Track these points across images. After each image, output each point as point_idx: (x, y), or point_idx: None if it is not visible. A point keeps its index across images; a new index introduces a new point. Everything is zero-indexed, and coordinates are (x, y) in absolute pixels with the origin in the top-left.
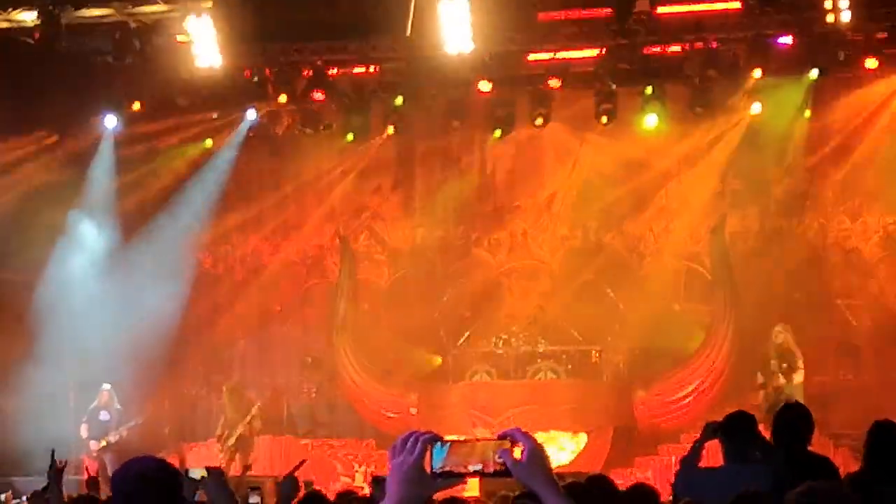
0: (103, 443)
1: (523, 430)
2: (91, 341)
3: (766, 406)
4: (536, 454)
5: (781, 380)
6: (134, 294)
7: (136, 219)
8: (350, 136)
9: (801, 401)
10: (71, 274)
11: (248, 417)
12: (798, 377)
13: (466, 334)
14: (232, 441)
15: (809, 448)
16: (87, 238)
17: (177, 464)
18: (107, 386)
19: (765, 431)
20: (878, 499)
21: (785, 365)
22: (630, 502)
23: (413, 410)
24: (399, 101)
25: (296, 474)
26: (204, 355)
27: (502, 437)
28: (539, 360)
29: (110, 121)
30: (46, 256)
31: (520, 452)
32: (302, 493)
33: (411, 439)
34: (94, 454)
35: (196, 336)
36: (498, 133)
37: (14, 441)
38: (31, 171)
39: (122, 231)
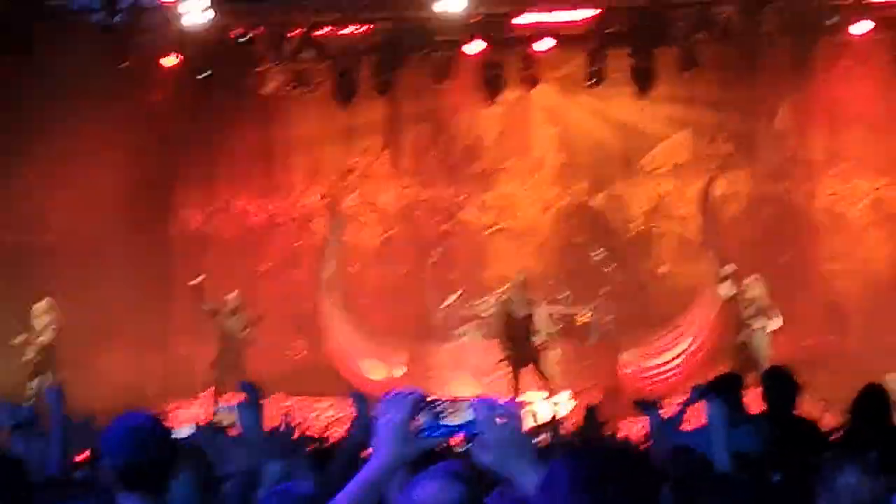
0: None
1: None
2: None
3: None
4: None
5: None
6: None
7: (118, 173)
8: (338, 97)
9: (767, 350)
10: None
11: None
12: (772, 325)
13: (455, 295)
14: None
15: (796, 412)
16: None
17: None
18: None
19: None
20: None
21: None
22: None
23: (400, 371)
24: (388, 61)
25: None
26: (190, 314)
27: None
28: None
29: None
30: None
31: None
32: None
33: (398, 398)
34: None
35: (182, 295)
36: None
37: None
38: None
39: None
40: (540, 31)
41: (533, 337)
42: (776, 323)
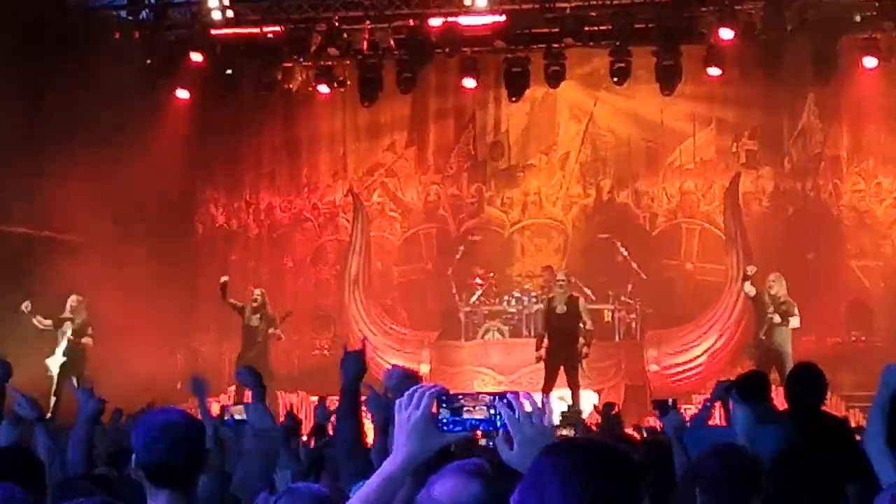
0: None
1: (524, 394)
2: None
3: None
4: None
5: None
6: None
7: (143, 170)
8: (363, 93)
9: (789, 348)
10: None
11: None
12: (792, 322)
13: (479, 292)
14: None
15: (823, 409)
16: None
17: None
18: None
19: None
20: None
21: (780, 314)
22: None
23: (425, 368)
24: (413, 58)
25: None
26: (216, 311)
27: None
28: None
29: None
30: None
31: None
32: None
33: (418, 393)
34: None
35: (209, 291)
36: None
37: None
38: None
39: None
40: (565, 27)
41: (575, 335)
42: (796, 321)
